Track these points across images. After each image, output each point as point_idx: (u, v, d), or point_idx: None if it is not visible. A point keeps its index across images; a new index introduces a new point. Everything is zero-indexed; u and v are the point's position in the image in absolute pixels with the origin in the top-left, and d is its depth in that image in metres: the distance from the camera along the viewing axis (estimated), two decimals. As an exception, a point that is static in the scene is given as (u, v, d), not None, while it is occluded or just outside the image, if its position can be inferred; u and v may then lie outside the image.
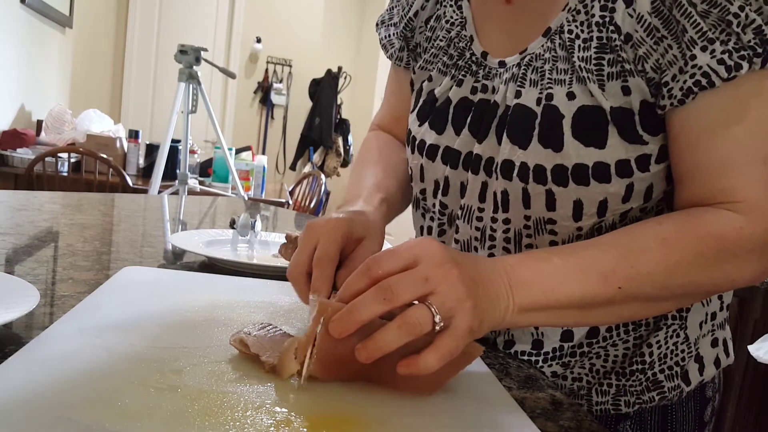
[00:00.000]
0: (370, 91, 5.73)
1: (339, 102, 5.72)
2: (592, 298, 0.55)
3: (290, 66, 5.64)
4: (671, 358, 0.70)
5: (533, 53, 0.65)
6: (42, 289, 0.67)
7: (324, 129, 5.62)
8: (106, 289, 0.66)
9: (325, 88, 5.63)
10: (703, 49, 0.55)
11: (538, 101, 0.63)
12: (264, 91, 5.59)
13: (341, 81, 5.68)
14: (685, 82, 0.57)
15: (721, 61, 0.55)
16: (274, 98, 5.61)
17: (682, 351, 0.71)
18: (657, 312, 0.63)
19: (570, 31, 0.62)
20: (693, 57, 0.56)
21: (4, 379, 0.42)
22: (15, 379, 0.42)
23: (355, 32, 5.94)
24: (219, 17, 5.25)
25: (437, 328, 0.47)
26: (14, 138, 3.04)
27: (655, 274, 0.55)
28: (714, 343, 0.73)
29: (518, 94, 0.65)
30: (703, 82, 0.56)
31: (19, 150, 3.04)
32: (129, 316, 0.59)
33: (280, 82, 5.63)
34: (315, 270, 0.58)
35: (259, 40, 5.42)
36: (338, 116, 5.75)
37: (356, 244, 0.63)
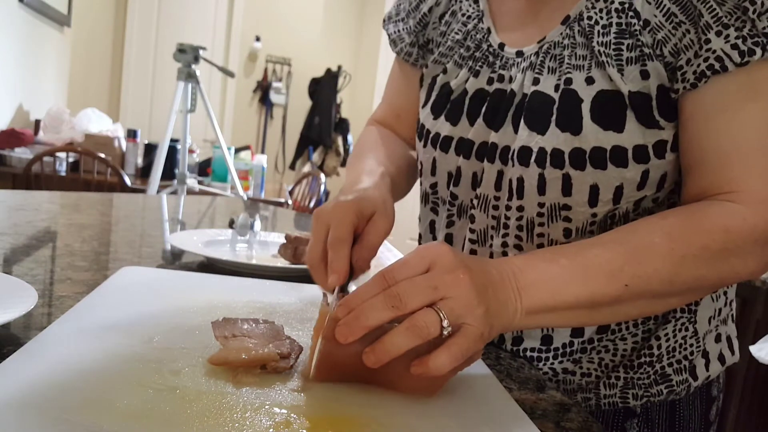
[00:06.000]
0: (369, 90, 5.73)
1: (338, 101, 5.72)
2: (600, 298, 0.55)
3: (289, 65, 5.64)
4: (680, 352, 0.70)
5: (552, 41, 0.65)
6: (40, 290, 0.67)
7: (323, 128, 5.62)
8: (105, 290, 0.66)
9: (324, 87, 5.63)
10: (718, 33, 0.56)
11: (557, 87, 0.64)
12: (263, 90, 5.59)
13: (341, 80, 5.68)
14: (698, 65, 0.57)
15: (734, 46, 0.55)
16: (274, 97, 5.61)
17: (691, 345, 0.71)
18: (664, 308, 0.63)
19: (589, 18, 0.63)
20: (707, 41, 0.56)
21: (2, 380, 0.42)
22: (13, 380, 0.42)
23: (354, 31, 5.93)
24: (218, 16, 5.25)
25: (445, 332, 0.47)
26: (12, 137, 3.04)
27: (661, 270, 0.55)
28: (718, 339, 0.73)
29: (536, 81, 0.65)
30: (716, 66, 0.56)
31: (17, 149, 3.04)
32: (127, 316, 0.58)
33: (280, 81, 5.63)
34: (330, 253, 0.58)
35: (258, 39, 5.41)
36: (338, 115, 5.75)
37: (367, 221, 0.62)
